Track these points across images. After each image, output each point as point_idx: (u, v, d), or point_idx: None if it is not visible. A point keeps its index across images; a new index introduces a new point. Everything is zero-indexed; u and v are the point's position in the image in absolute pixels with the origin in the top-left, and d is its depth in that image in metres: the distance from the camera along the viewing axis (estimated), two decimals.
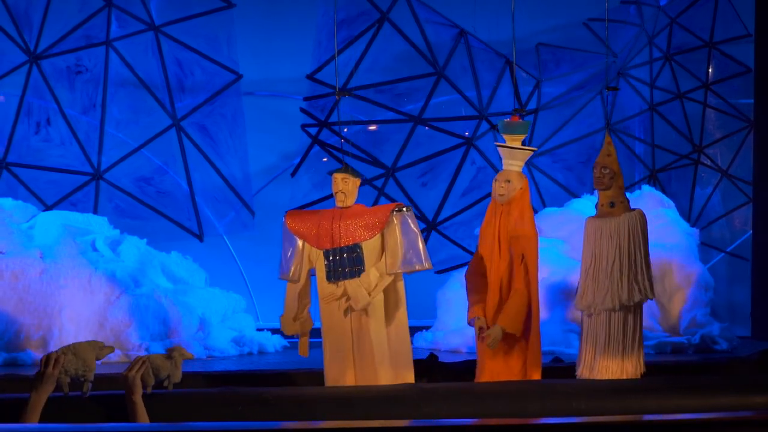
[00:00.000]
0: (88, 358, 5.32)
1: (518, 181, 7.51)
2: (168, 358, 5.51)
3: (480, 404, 5.83)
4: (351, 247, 7.24)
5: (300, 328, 7.49)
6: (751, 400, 5.97)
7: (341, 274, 7.24)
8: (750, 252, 13.75)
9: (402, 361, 7.33)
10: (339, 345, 7.26)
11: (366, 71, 13.05)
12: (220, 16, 12.81)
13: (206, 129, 12.85)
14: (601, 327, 7.56)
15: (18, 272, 10.51)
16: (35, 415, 5.09)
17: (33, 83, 12.47)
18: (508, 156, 7.56)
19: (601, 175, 7.69)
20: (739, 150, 14.38)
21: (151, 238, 11.86)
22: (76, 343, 5.37)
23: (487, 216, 7.58)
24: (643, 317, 7.62)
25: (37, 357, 10.23)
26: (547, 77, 13.50)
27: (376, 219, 7.28)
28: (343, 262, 7.24)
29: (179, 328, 11.03)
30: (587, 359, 7.63)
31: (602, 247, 7.59)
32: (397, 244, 7.24)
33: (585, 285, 7.64)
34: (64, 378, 5.25)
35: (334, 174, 7.41)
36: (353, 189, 7.41)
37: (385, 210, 7.33)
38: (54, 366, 5.17)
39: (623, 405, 5.99)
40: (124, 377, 5.29)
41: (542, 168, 13.68)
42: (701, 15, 14.41)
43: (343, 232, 7.27)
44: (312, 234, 7.33)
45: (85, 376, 5.31)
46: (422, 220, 13.07)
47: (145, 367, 5.37)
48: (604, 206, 7.70)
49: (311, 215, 7.50)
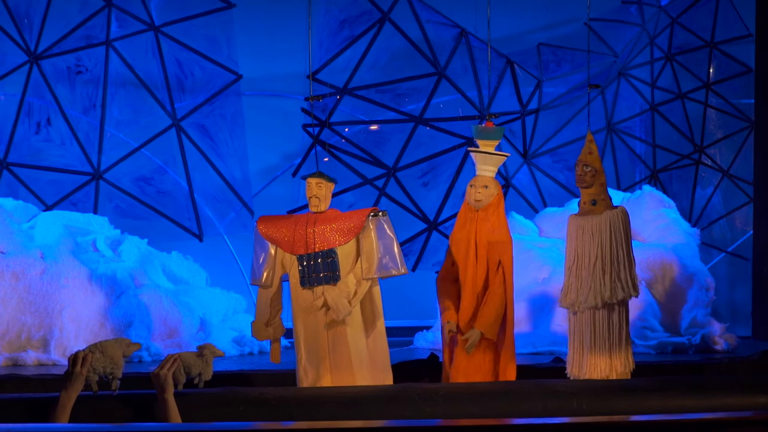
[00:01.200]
0: (116, 355, 5.32)
1: (495, 187, 7.51)
2: (199, 355, 5.51)
3: (480, 404, 5.82)
4: (326, 252, 7.22)
5: (272, 334, 7.50)
6: (752, 400, 5.96)
7: (315, 280, 7.24)
8: (751, 252, 13.74)
9: (380, 365, 7.34)
10: (315, 352, 7.26)
11: (367, 71, 13.05)
12: (220, 17, 12.81)
13: (206, 129, 12.85)
14: (587, 325, 7.57)
15: (18, 272, 10.51)
16: (65, 414, 5.09)
17: (33, 83, 12.47)
18: (482, 161, 7.54)
19: (582, 173, 7.69)
20: (740, 150, 14.38)
21: (152, 238, 11.86)
22: (103, 341, 5.38)
23: (460, 222, 7.54)
24: (629, 314, 7.63)
25: (37, 357, 10.24)
26: (548, 77, 13.49)
27: (351, 224, 7.26)
28: (317, 267, 7.23)
29: (180, 328, 11.04)
30: (576, 357, 7.64)
31: (584, 245, 7.59)
32: (373, 249, 7.23)
33: (568, 283, 7.66)
34: (93, 376, 5.25)
35: (308, 179, 7.39)
36: (327, 194, 7.39)
37: (361, 215, 7.31)
38: (82, 365, 5.17)
39: (624, 405, 5.98)
40: (155, 375, 5.29)
41: (543, 168, 13.67)
42: (702, 15, 14.40)
43: (317, 237, 7.25)
44: (285, 239, 7.32)
45: (113, 374, 5.31)
46: (423, 220, 13.07)
47: (176, 364, 5.37)
48: (586, 204, 7.70)
49: (284, 220, 7.47)
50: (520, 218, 12.47)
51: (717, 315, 12.13)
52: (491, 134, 7.56)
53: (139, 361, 10.58)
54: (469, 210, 7.50)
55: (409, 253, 13.07)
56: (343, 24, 13.06)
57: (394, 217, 13.10)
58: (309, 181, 7.38)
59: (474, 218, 7.47)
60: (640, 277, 11.67)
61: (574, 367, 7.64)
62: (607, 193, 7.74)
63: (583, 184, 7.68)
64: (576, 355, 7.63)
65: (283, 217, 7.65)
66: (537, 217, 12.75)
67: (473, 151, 7.57)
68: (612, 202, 7.74)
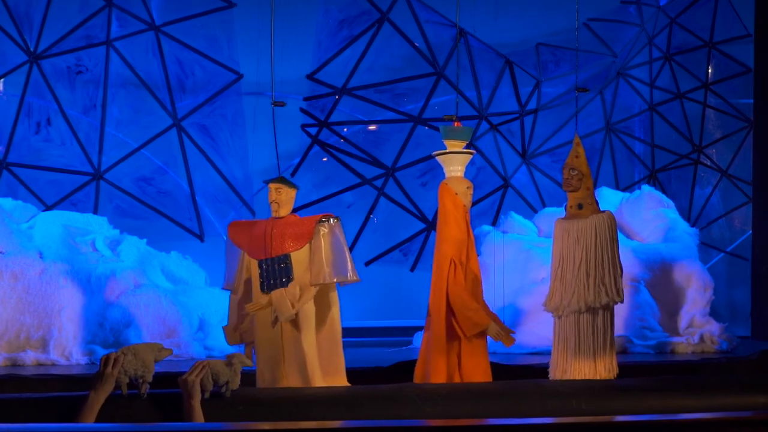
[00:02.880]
0: (147, 359, 5.34)
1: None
2: (228, 364, 5.52)
3: (480, 404, 5.83)
4: (281, 258, 7.25)
5: (241, 338, 7.54)
6: (751, 400, 5.96)
7: (273, 285, 7.25)
8: (749, 252, 13.75)
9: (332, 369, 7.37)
10: (270, 353, 7.29)
11: (366, 71, 13.06)
12: (220, 16, 12.82)
13: (207, 129, 12.86)
14: (571, 329, 7.56)
15: (18, 272, 10.51)
16: (92, 414, 5.11)
17: (33, 83, 12.47)
18: (449, 163, 7.54)
19: (569, 177, 7.69)
20: (739, 150, 14.39)
21: (151, 238, 11.87)
22: (135, 344, 5.41)
23: (458, 225, 7.55)
24: (614, 319, 7.61)
25: (36, 357, 10.24)
26: (547, 77, 13.50)
27: (303, 229, 7.27)
28: (274, 272, 7.26)
29: (179, 328, 11.04)
30: (559, 362, 7.64)
31: (569, 248, 7.60)
32: (321, 255, 7.23)
33: (553, 287, 7.67)
34: (123, 378, 5.27)
35: (269, 184, 7.42)
36: (287, 199, 7.41)
37: (312, 221, 7.32)
38: (113, 366, 5.20)
39: (623, 405, 5.99)
40: (183, 381, 5.31)
41: (542, 168, 13.68)
42: (701, 15, 14.42)
43: (275, 242, 7.28)
44: (248, 244, 7.36)
45: (144, 377, 5.34)
46: (422, 220, 13.07)
47: (205, 371, 5.39)
48: (572, 208, 7.70)
49: (249, 226, 7.51)
50: (519, 218, 12.48)
51: (716, 315, 12.13)
52: (460, 134, 7.56)
53: None
54: (464, 210, 7.52)
55: (408, 253, 13.08)
56: (342, 24, 13.08)
57: (393, 217, 13.19)
58: (269, 186, 7.42)
59: (464, 218, 7.51)
60: (640, 276, 11.69)
61: (557, 370, 7.63)
62: (594, 197, 7.75)
63: (569, 187, 7.69)
64: (560, 359, 7.64)
65: (251, 222, 7.68)
66: (536, 217, 12.76)
67: (439, 154, 7.57)
68: (599, 207, 7.74)
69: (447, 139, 7.55)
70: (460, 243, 7.47)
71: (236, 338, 7.57)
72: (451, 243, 7.46)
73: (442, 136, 7.58)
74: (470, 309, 7.36)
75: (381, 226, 13.12)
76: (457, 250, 7.46)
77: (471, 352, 7.45)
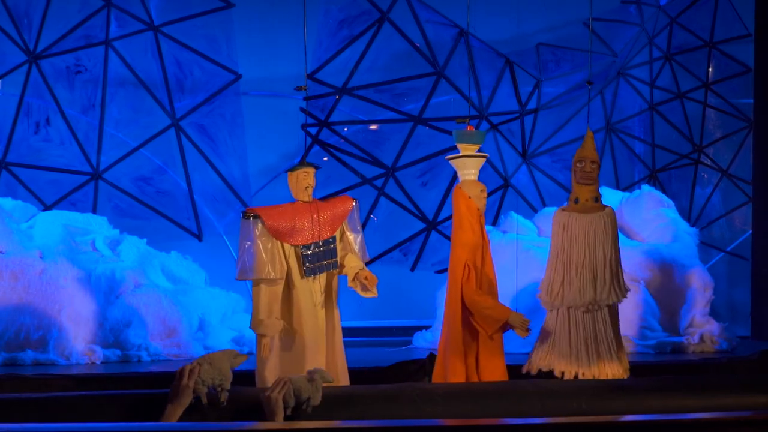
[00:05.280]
0: (224, 367, 5.33)
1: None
2: (309, 380, 5.48)
3: (480, 404, 5.83)
4: (329, 240, 7.29)
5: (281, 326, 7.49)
6: (752, 400, 5.96)
7: (319, 268, 7.26)
8: (750, 251, 13.75)
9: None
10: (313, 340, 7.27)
11: (366, 71, 13.05)
12: (219, 16, 12.81)
13: (205, 129, 12.85)
14: (569, 325, 7.55)
15: (18, 272, 10.51)
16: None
17: (32, 83, 12.47)
18: (465, 166, 7.54)
19: (591, 170, 7.65)
20: (739, 150, 14.39)
21: (151, 238, 11.86)
22: (211, 353, 5.39)
23: (471, 228, 7.53)
24: (611, 318, 7.58)
25: (36, 356, 10.24)
26: (547, 77, 13.50)
27: (342, 210, 7.37)
28: (320, 255, 7.26)
29: (179, 327, 11.04)
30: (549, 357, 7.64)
31: (579, 242, 7.54)
32: (359, 235, 7.42)
33: (556, 278, 7.61)
34: (202, 388, 5.25)
35: (305, 169, 7.41)
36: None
37: (347, 201, 7.44)
38: (189, 377, 5.17)
39: (623, 405, 5.99)
40: (267, 398, 5.27)
41: (542, 167, 13.68)
42: (701, 15, 14.42)
43: (324, 225, 7.30)
44: (291, 229, 7.28)
45: (222, 385, 5.31)
46: (422, 220, 13.07)
47: (286, 387, 5.35)
48: (588, 201, 7.64)
49: (281, 211, 7.33)
50: (519, 218, 12.48)
51: (716, 314, 12.13)
52: (473, 138, 7.57)
53: (138, 360, 10.59)
54: (478, 214, 7.51)
55: (408, 253, 13.08)
56: (342, 24, 13.07)
57: (394, 217, 13.19)
58: (305, 171, 7.40)
59: (478, 222, 7.51)
60: (640, 276, 11.69)
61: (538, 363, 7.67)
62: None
63: (590, 180, 7.66)
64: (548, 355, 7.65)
65: (275, 208, 7.55)
66: (536, 217, 12.75)
67: (455, 157, 7.57)
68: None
69: (460, 143, 7.56)
70: (475, 247, 7.47)
71: (279, 327, 7.38)
72: (466, 247, 7.46)
73: (454, 140, 7.59)
74: (487, 307, 7.38)
75: (381, 225, 13.12)
76: (471, 254, 7.47)
77: (489, 354, 7.48)
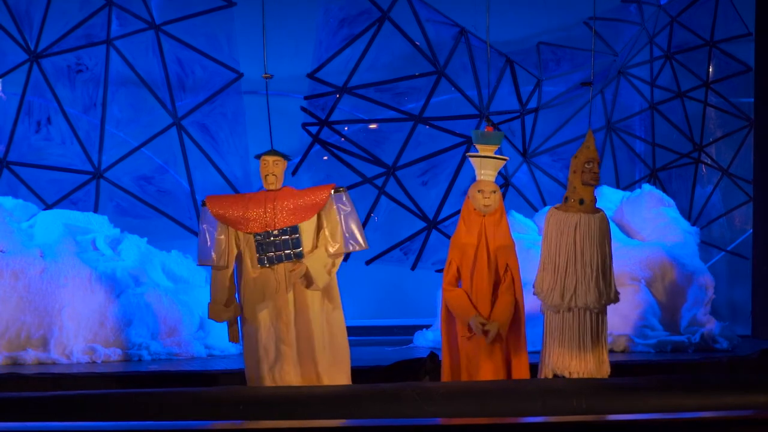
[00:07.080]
0: None
1: (498, 191, 7.60)
2: None
3: (480, 404, 5.84)
4: (289, 230, 7.27)
5: (233, 314, 7.52)
6: (752, 399, 5.97)
7: (276, 258, 7.26)
8: (750, 251, 13.75)
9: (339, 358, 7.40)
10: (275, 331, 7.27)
11: (367, 70, 13.05)
12: (220, 15, 12.81)
13: (207, 128, 12.85)
14: (567, 324, 7.57)
15: (18, 271, 10.51)
16: None
17: (33, 82, 12.46)
18: (483, 166, 7.57)
19: (597, 171, 7.70)
20: (740, 149, 14.38)
21: (152, 237, 11.86)
22: None
23: (465, 227, 7.54)
24: (606, 318, 7.60)
25: (37, 356, 10.24)
26: (548, 76, 13.50)
27: (314, 200, 7.33)
28: (278, 245, 7.27)
29: (180, 327, 11.04)
30: (556, 358, 7.65)
31: (575, 243, 7.56)
32: (338, 225, 7.31)
33: (551, 279, 7.63)
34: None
35: (265, 156, 7.49)
36: (282, 172, 7.51)
37: (323, 191, 7.39)
38: None
39: (624, 404, 5.99)
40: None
41: (542, 167, 13.68)
42: (702, 14, 14.41)
43: (278, 214, 7.29)
44: (238, 218, 7.33)
45: None
46: (423, 219, 13.07)
47: None
48: (592, 202, 7.69)
49: (235, 199, 7.49)
50: (519, 217, 12.48)
51: (716, 314, 12.13)
52: (491, 139, 7.63)
53: (139, 360, 10.59)
54: (476, 215, 7.51)
55: (409, 252, 13.07)
56: (342, 23, 13.06)
57: (394, 216, 13.19)
58: (266, 159, 7.48)
59: (480, 223, 7.50)
60: (640, 275, 11.69)
61: (546, 368, 7.67)
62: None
63: (597, 182, 7.71)
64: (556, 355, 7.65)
65: (234, 196, 7.67)
66: (536, 216, 12.75)
67: (473, 156, 7.61)
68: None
69: (478, 144, 7.61)
70: (466, 246, 7.49)
71: (228, 314, 7.52)
72: (455, 245, 7.52)
73: (473, 141, 7.65)
74: (453, 305, 7.45)
75: (382, 225, 13.12)
76: (459, 252, 7.49)
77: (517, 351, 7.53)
